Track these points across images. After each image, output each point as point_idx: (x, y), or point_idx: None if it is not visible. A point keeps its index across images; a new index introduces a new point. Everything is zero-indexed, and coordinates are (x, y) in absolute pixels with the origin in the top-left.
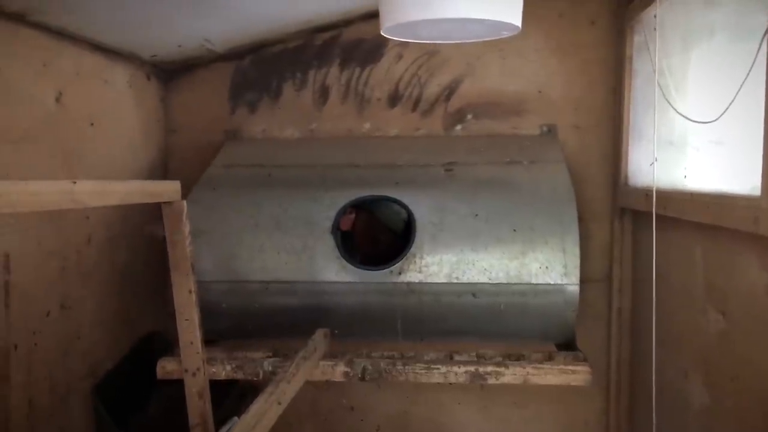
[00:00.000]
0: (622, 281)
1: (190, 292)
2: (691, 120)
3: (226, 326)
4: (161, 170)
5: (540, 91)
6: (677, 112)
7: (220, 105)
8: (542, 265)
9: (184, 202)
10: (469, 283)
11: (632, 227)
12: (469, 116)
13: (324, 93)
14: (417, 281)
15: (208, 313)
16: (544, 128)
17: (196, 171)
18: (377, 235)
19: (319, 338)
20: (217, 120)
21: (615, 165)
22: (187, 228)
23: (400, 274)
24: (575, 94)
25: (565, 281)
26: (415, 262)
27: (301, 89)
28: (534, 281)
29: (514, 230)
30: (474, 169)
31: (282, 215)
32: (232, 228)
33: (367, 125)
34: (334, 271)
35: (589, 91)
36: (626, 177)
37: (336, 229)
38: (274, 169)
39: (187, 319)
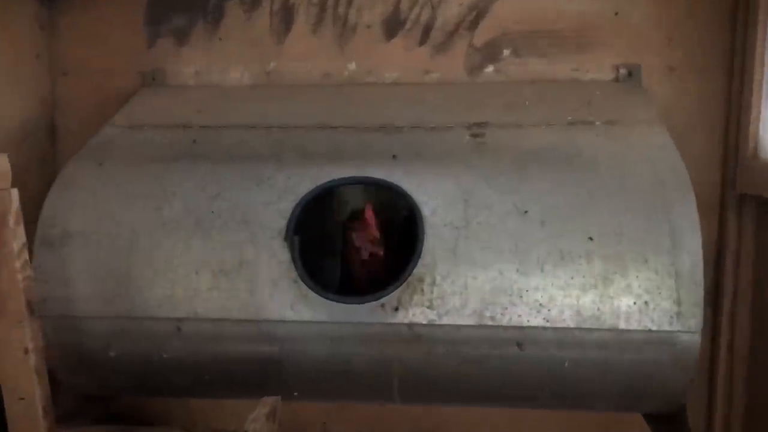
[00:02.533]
0: (737, 309)
1: (27, 351)
2: None
3: (118, 383)
4: (46, 132)
5: (616, 14)
6: None
7: (133, 34)
8: (638, 297)
9: (14, 192)
10: (512, 327)
11: (757, 224)
12: (507, 52)
13: (287, 17)
14: (425, 322)
15: (89, 364)
16: (622, 70)
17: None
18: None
19: (258, 423)
20: (128, 56)
21: (735, 128)
22: (18, 239)
23: (396, 309)
24: (669, 18)
25: (677, 327)
26: (422, 290)
27: (252, 10)
28: (623, 325)
29: (590, 239)
30: (517, 133)
31: (205, 207)
32: (125, 229)
33: (352, 66)
34: (289, 303)
35: (692, 13)
36: (755, 148)
37: (293, 232)
38: (202, 132)
39: (22, 398)
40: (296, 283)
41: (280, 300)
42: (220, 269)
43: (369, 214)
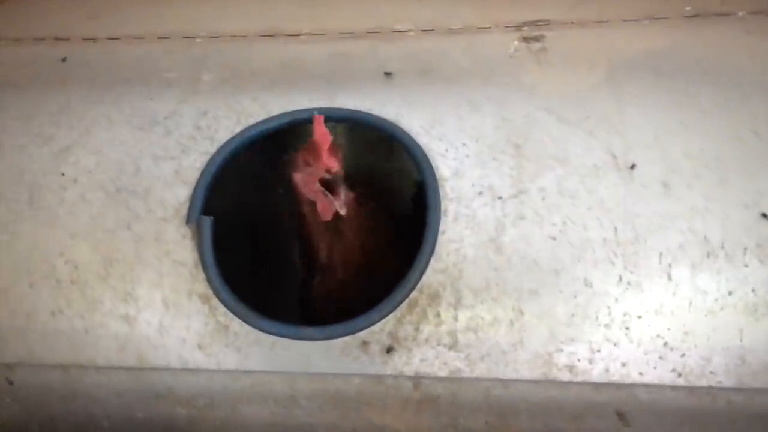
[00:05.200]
0: None
1: None
2: None
3: None
4: None
5: None
6: None
7: None
8: None
9: None
10: (610, 385)
11: None
12: None
13: None
14: (444, 374)
15: None
16: None
17: None
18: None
19: None
20: None
21: None
22: None
23: (390, 350)
24: None
25: None
26: (437, 315)
27: None
28: None
29: (764, 216)
30: (601, 34)
31: (49, 168)
32: None
33: None
34: (196, 339)
35: None
36: None
37: (203, 210)
38: (81, 46)
39: None
40: (208, 302)
41: (180, 333)
42: (71, 277)
43: (319, 132)
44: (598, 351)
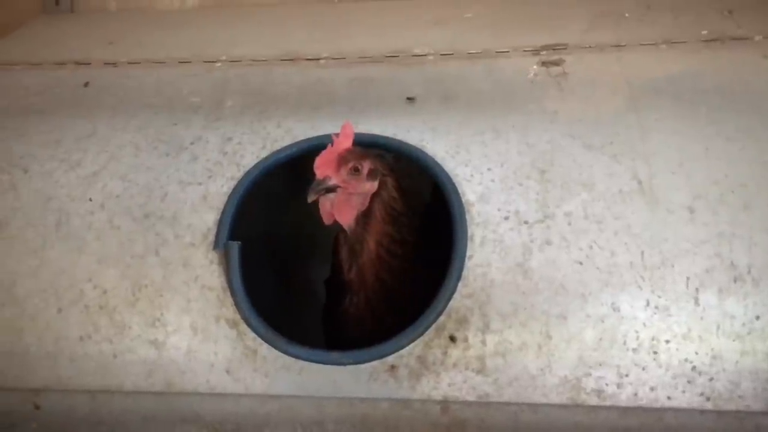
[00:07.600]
0: None
1: None
2: None
3: None
4: None
5: None
6: None
7: None
8: None
9: None
10: (637, 409)
11: None
12: None
13: None
14: (472, 398)
15: None
16: None
17: None
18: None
19: None
20: None
21: None
22: None
23: (419, 375)
24: None
25: None
26: (465, 340)
27: None
28: None
29: None
30: (622, 58)
31: (77, 193)
32: None
33: None
34: (224, 364)
35: None
36: None
37: (231, 235)
38: (102, 71)
39: None
40: (236, 327)
41: (208, 357)
42: (99, 303)
43: (346, 132)
44: (626, 375)
